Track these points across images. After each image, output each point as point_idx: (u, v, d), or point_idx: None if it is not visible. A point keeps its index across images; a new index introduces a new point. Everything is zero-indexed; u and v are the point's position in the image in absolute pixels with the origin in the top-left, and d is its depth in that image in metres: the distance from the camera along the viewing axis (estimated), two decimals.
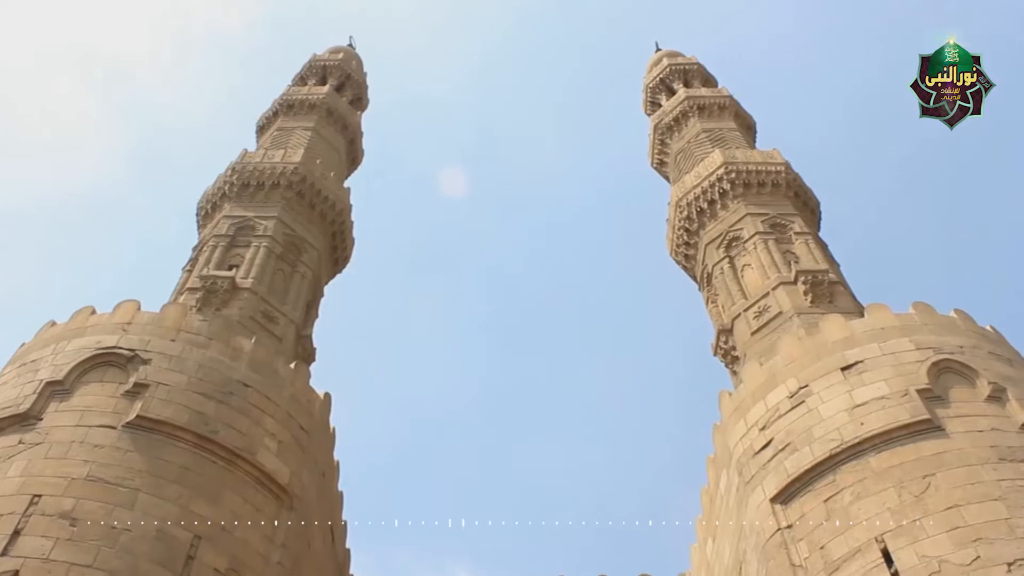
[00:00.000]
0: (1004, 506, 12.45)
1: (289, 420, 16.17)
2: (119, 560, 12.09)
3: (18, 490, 12.68)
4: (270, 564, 13.97)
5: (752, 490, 15.42)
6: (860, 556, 12.93)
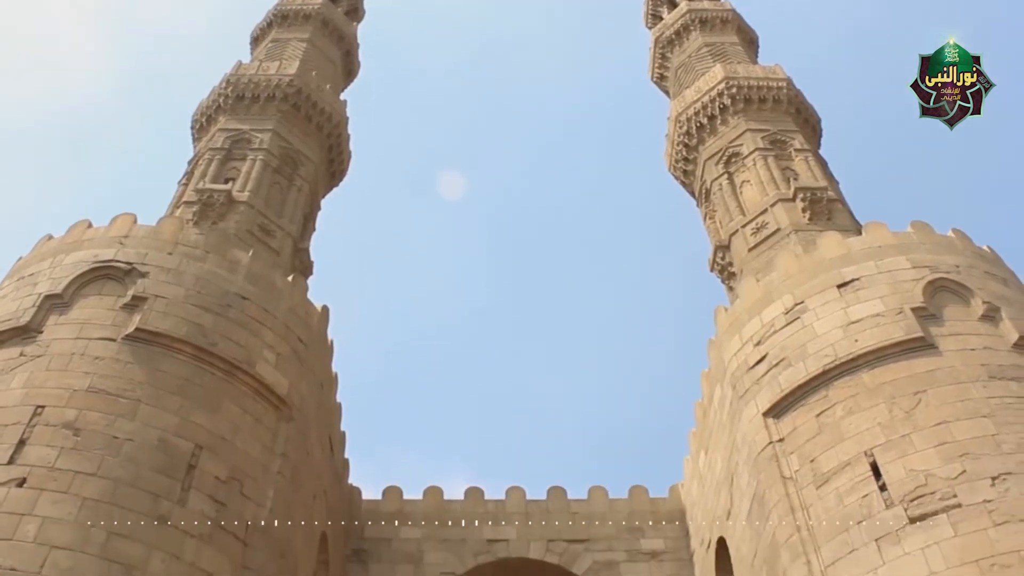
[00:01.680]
0: (992, 423, 12.67)
1: (287, 332, 16.29)
2: (122, 469, 12.31)
3: (21, 401, 12.85)
4: (270, 473, 14.20)
5: (745, 404, 15.64)
6: (849, 469, 13.19)
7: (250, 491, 13.63)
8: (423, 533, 20.20)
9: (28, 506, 11.45)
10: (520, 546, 20.13)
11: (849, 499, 12.90)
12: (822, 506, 13.23)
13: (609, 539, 20.20)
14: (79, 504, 11.66)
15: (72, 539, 11.29)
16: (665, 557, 19.87)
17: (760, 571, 14.61)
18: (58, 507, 11.54)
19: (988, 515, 11.59)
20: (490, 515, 20.76)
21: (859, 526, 12.53)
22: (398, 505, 20.95)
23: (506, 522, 20.60)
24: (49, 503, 11.55)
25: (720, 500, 17.31)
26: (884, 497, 12.57)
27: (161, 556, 11.77)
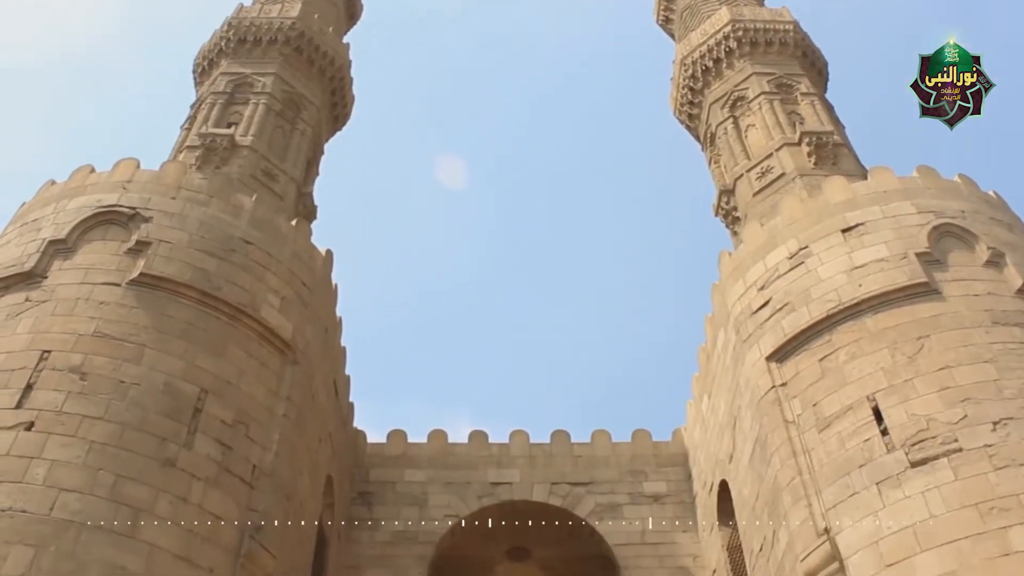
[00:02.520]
0: (994, 368, 12.70)
1: (291, 276, 16.31)
2: (129, 413, 12.41)
3: (28, 346, 12.91)
4: (275, 416, 14.31)
5: (748, 348, 15.68)
6: (851, 414, 13.25)
7: (256, 434, 13.75)
8: (427, 476, 20.41)
9: (37, 449, 11.58)
10: (524, 489, 20.35)
11: (851, 443, 12.99)
12: (824, 450, 13.32)
13: (612, 482, 20.41)
14: (87, 448, 11.78)
15: (80, 482, 11.42)
16: (667, 500, 20.08)
17: (762, 514, 14.76)
18: (66, 450, 11.66)
19: (989, 459, 11.67)
20: (494, 458, 20.96)
21: (860, 470, 12.63)
22: (403, 448, 21.16)
23: (510, 465, 20.81)
24: (57, 446, 11.67)
25: (722, 444, 17.44)
26: (886, 441, 12.65)
27: (168, 499, 11.90)
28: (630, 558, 19.13)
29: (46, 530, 10.84)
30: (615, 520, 19.77)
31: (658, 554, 19.13)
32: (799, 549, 12.82)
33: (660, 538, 19.40)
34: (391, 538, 19.33)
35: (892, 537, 11.70)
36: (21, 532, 10.75)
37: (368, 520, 19.63)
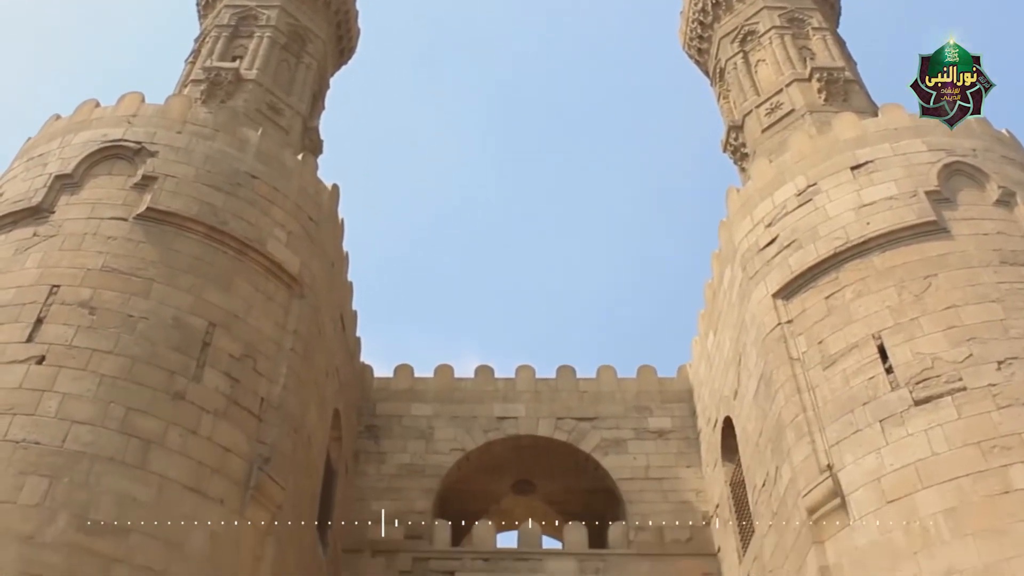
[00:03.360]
0: (1001, 307, 12.70)
1: (297, 211, 16.29)
2: (138, 347, 12.50)
3: (37, 280, 12.97)
4: (283, 350, 14.40)
5: (755, 285, 15.69)
6: (856, 352, 13.30)
7: (263, 368, 13.85)
8: (434, 410, 20.60)
9: (48, 382, 11.70)
10: (529, 423, 20.54)
11: (855, 381, 13.05)
12: (828, 387, 13.40)
13: (617, 417, 20.59)
14: (97, 381, 11.90)
15: (92, 414, 11.56)
16: (672, 436, 20.27)
17: (765, 450, 14.90)
18: (77, 383, 11.79)
19: (992, 398, 11.73)
20: (500, 393, 21.13)
21: (864, 407, 12.71)
22: (409, 383, 21.32)
23: (516, 400, 20.98)
24: (68, 380, 11.79)
25: (727, 380, 17.55)
26: (890, 379, 12.71)
27: (178, 431, 12.05)
28: (634, 492, 19.37)
29: (59, 461, 11.00)
30: (619, 455, 19.98)
31: (661, 489, 19.37)
32: (801, 485, 12.96)
33: (664, 473, 19.63)
34: (398, 471, 19.58)
35: (894, 474, 11.82)
36: (36, 463, 10.92)
37: (375, 453, 19.87)
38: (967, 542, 10.83)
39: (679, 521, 18.91)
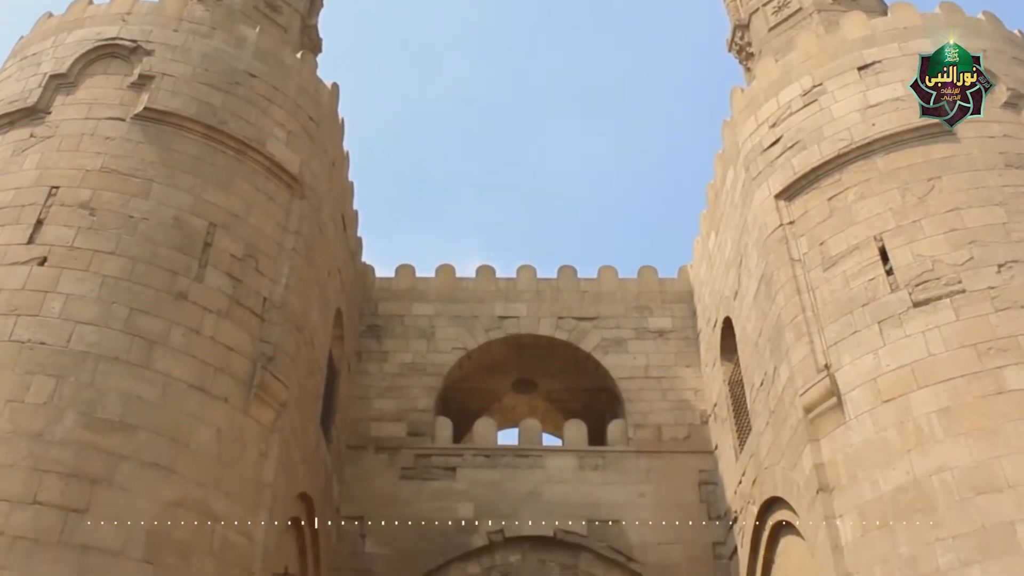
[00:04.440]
0: (1004, 211, 12.64)
1: (297, 110, 16.12)
2: (140, 248, 12.52)
3: (35, 182, 12.91)
4: (284, 250, 14.42)
5: (758, 186, 15.62)
6: (857, 253, 13.31)
7: (265, 268, 13.89)
8: (435, 310, 20.74)
9: (51, 284, 11.76)
10: (530, 323, 20.70)
11: (855, 282, 13.10)
12: (828, 288, 13.45)
13: (617, 317, 20.73)
14: (100, 281, 11.95)
15: (95, 315, 11.64)
16: (671, 336, 20.44)
17: (764, 350, 15.04)
18: (80, 284, 11.84)
19: (991, 301, 11.77)
20: (501, 292, 21.24)
21: (863, 309, 12.78)
22: (411, 283, 21.41)
23: (517, 299, 21.11)
24: (71, 280, 11.84)
25: (728, 281, 17.61)
26: (890, 281, 12.74)
27: (182, 331, 12.15)
28: (633, 391, 19.63)
29: (65, 361, 11.13)
30: (619, 354, 20.19)
31: (661, 388, 19.63)
32: (799, 384, 13.12)
33: (663, 372, 19.86)
34: (400, 370, 19.81)
35: (890, 374, 11.95)
36: (42, 363, 11.05)
37: (377, 352, 20.08)
38: (959, 441, 11.02)
39: (677, 419, 19.21)
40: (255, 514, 12.10)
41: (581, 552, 17.57)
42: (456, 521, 17.78)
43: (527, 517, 17.83)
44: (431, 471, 18.46)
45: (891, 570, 10.94)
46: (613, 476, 18.48)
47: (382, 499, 18.02)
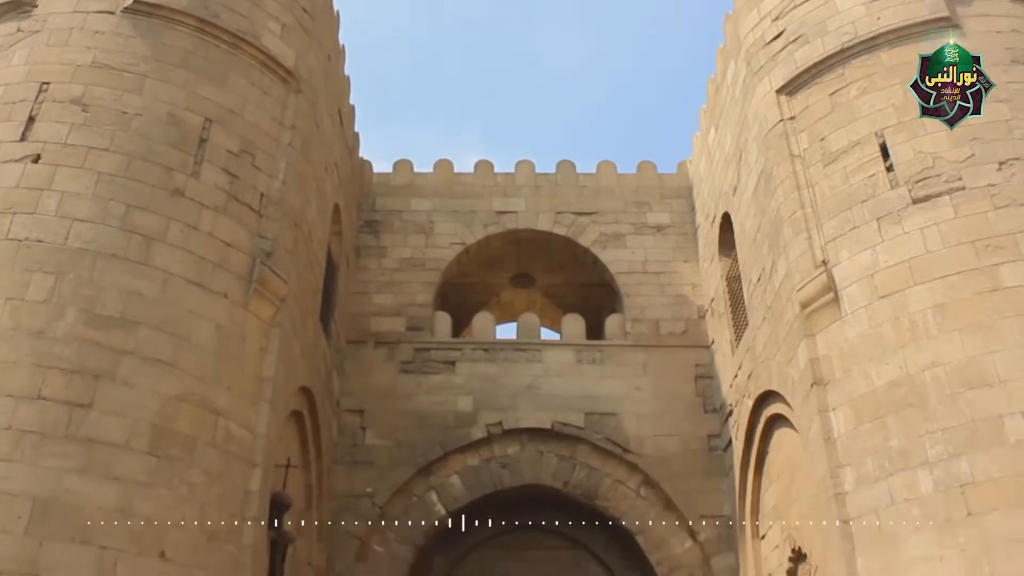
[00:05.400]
0: (1008, 108, 12.46)
1: (291, 2, 15.74)
2: (134, 144, 12.37)
3: (25, 78, 12.66)
4: (281, 145, 14.29)
5: (759, 80, 15.40)
6: (858, 149, 13.20)
7: (262, 163, 13.79)
8: (433, 205, 20.69)
9: (46, 181, 11.65)
10: (529, 217, 20.67)
11: (855, 178, 13.02)
12: (828, 184, 13.38)
13: (616, 212, 20.70)
14: (95, 178, 11.85)
15: (92, 212, 11.58)
16: (670, 231, 20.44)
17: (762, 246, 15.06)
18: (75, 182, 11.74)
19: (990, 199, 11.72)
20: (499, 188, 21.17)
21: (862, 205, 12.74)
22: (409, 178, 21.31)
23: (515, 194, 21.05)
24: (66, 178, 11.73)
25: (727, 176, 17.52)
26: (890, 178, 12.67)
27: (179, 227, 12.11)
28: (631, 286, 19.73)
29: (63, 258, 11.12)
30: (618, 249, 20.22)
31: (659, 283, 19.72)
32: (796, 280, 13.17)
33: (661, 267, 19.93)
34: (398, 265, 19.87)
35: (887, 270, 11.99)
36: (40, 261, 11.04)
37: (375, 248, 20.10)
38: (953, 337, 11.11)
39: (675, 314, 19.36)
40: (256, 407, 12.28)
41: (578, 444, 17.91)
42: (455, 414, 18.07)
43: (525, 410, 18.12)
44: (430, 365, 18.67)
45: (882, 462, 11.17)
46: (610, 370, 18.71)
47: (382, 392, 18.28)
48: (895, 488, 10.94)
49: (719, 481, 17.37)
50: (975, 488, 10.28)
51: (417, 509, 17.28)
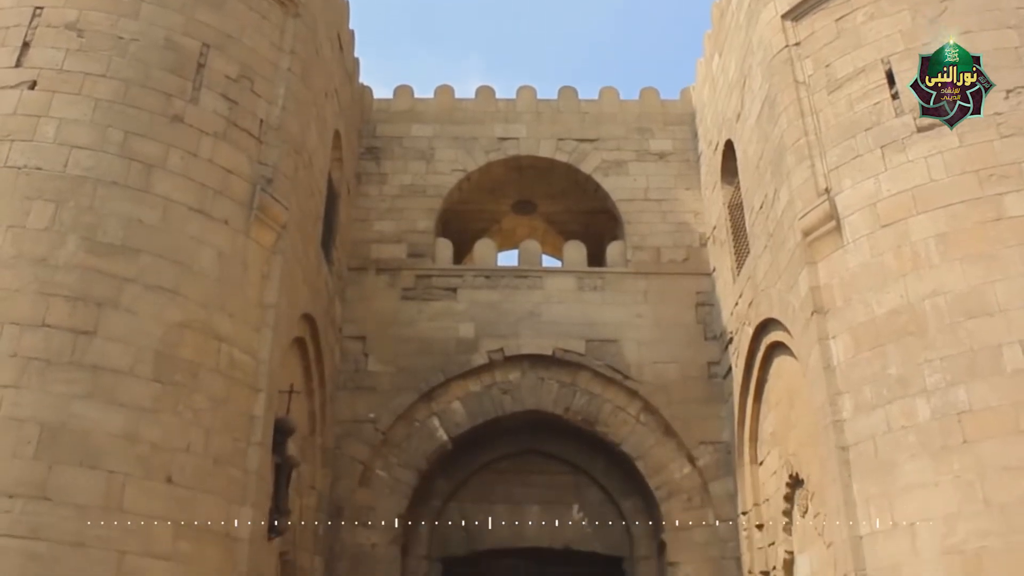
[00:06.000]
0: (1017, 35, 12.22)
1: None
2: (132, 69, 12.21)
3: (18, 2, 12.26)
4: (280, 71, 14.12)
5: (764, 5, 15.15)
6: (863, 76, 13.03)
7: (261, 89, 13.64)
8: (434, 131, 20.53)
9: (43, 108, 11.52)
10: (530, 144, 20.53)
11: (860, 106, 12.89)
12: (832, 112, 13.25)
13: (618, 139, 20.55)
14: (93, 105, 11.72)
15: (91, 139, 11.47)
16: (672, 158, 20.31)
17: (765, 173, 14.98)
18: (73, 108, 11.60)
19: (996, 127, 11.59)
20: (501, 114, 20.98)
21: (867, 133, 12.63)
22: (409, 104, 21.12)
23: (516, 121, 20.87)
24: (63, 104, 11.59)
25: (731, 103, 17.36)
26: (895, 105, 12.53)
27: (179, 154, 12.03)
28: (632, 213, 19.68)
29: (63, 186, 11.06)
30: (619, 176, 20.12)
31: (660, 210, 19.66)
32: (799, 207, 13.13)
33: (663, 195, 19.85)
34: (399, 191, 19.80)
35: (890, 199, 11.93)
36: (40, 188, 10.98)
37: (376, 174, 20.00)
38: (955, 266, 11.11)
39: (676, 241, 19.35)
40: (259, 334, 12.35)
41: (579, 370, 18.03)
42: (457, 340, 18.17)
43: (526, 336, 18.21)
44: (432, 292, 18.71)
45: (880, 390, 11.26)
46: (611, 297, 18.76)
47: (384, 319, 18.36)
48: (892, 416, 11.04)
49: (718, 408, 17.54)
50: (972, 416, 10.38)
51: (419, 434, 17.48)
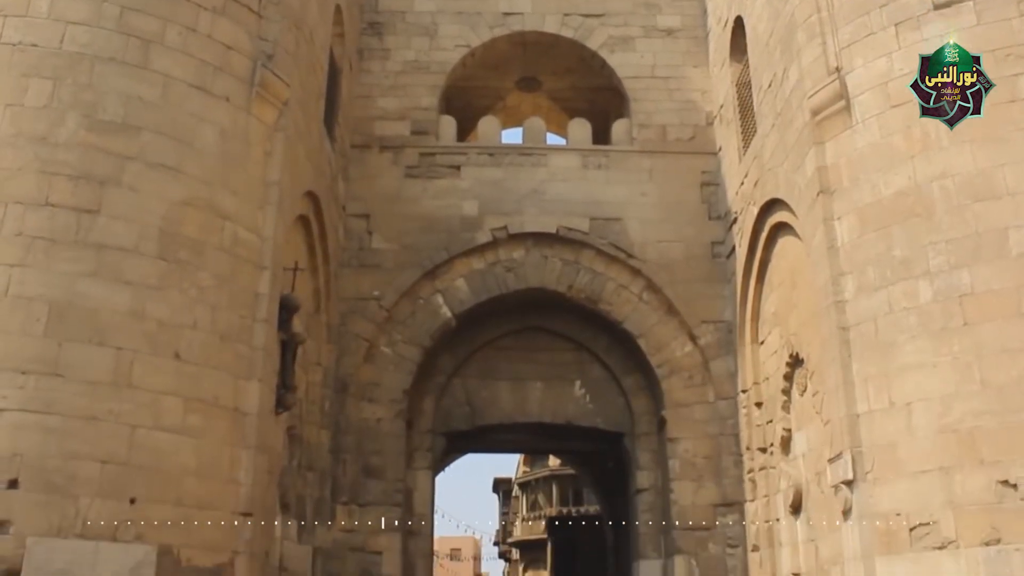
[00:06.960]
0: None
1: None
2: None
3: None
4: None
5: None
6: None
7: None
8: (437, 6, 20.02)
9: None
10: (535, 19, 20.05)
11: None
12: None
13: (625, 14, 20.04)
14: None
15: (86, 14, 11.16)
16: (680, 35, 19.86)
17: (774, 51, 14.69)
18: None
19: (1016, 4, 11.18)
20: None
21: (881, 9, 12.25)
22: None
23: None
24: None
25: None
26: None
27: (177, 29, 11.76)
28: (639, 91, 19.37)
29: (60, 63, 10.84)
30: (626, 52, 19.72)
31: (667, 88, 19.32)
32: (808, 86, 12.91)
33: (670, 72, 19.47)
34: (402, 68, 19.43)
35: (902, 79, 11.66)
36: (36, 65, 10.76)
37: (379, 50, 19.59)
38: (964, 148, 10.98)
39: (683, 120, 19.08)
40: (263, 211, 12.31)
41: (583, 248, 18.05)
42: (460, 218, 18.14)
43: (530, 214, 18.18)
44: (435, 169, 18.59)
45: (883, 271, 11.29)
46: (616, 175, 18.64)
47: (387, 197, 18.28)
48: (894, 297, 11.10)
49: (721, 287, 17.62)
50: (973, 299, 10.43)
51: (423, 312, 17.61)
